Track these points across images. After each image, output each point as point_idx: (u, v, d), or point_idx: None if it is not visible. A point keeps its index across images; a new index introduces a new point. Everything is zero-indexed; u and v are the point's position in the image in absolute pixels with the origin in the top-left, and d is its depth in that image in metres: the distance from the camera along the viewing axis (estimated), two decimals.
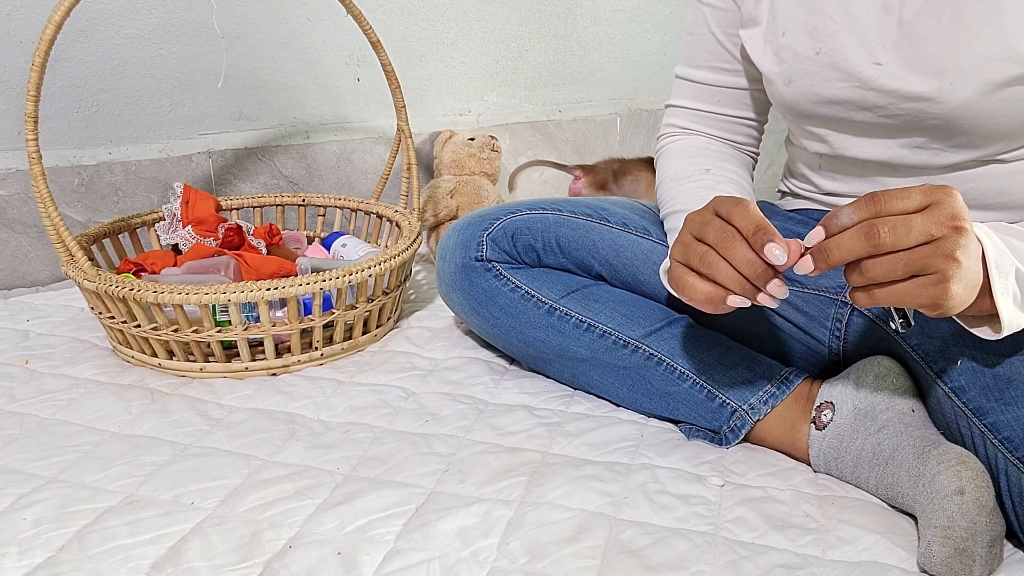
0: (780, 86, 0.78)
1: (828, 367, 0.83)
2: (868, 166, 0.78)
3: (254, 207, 1.23)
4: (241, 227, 1.09)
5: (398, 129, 1.15)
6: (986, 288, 0.58)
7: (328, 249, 1.19)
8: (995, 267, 0.58)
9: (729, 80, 0.86)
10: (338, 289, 0.92)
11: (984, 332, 0.63)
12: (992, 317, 0.61)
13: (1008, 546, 0.65)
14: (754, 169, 0.92)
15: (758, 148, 0.92)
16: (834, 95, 0.74)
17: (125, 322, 0.90)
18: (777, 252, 0.58)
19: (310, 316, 0.93)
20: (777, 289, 0.60)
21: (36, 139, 0.87)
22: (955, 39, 0.67)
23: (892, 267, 0.54)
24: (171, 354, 0.93)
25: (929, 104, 0.69)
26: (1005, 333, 0.61)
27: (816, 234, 0.57)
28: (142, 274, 1.02)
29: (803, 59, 0.75)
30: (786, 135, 0.91)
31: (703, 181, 0.81)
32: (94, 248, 1.05)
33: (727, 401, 0.80)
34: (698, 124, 0.90)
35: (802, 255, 0.58)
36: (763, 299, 0.61)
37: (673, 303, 0.87)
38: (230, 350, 0.94)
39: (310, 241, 1.24)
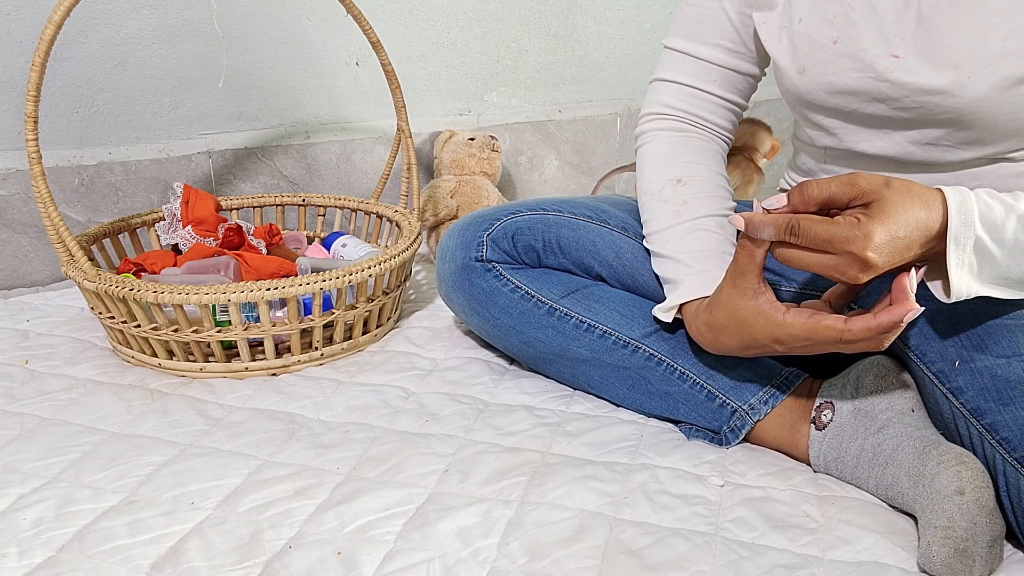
0: (793, 74, 0.77)
1: (828, 367, 0.83)
2: (875, 161, 0.77)
3: (254, 207, 1.23)
4: (241, 227, 1.09)
5: (398, 129, 1.15)
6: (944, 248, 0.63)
7: (328, 249, 1.19)
8: (953, 240, 0.61)
9: (732, 61, 0.84)
10: (338, 289, 0.92)
11: (936, 289, 0.66)
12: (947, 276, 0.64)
13: (1008, 546, 0.65)
14: (727, 152, 0.91)
15: (733, 133, 0.91)
16: (848, 85, 0.74)
17: (125, 322, 0.90)
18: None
19: (310, 316, 0.93)
20: None
21: (36, 139, 0.87)
22: (973, 33, 0.67)
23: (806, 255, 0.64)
24: (171, 354, 0.93)
25: (944, 97, 0.69)
26: (954, 299, 0.64)
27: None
28: (142, 274, 1.02)
29: (820, 47, 0.74)
30: (792, 132, 0.90)
31: (673, 203, 0.81)
32: (94, 248, 1.05)
33: (727, 401, 0.80)
34: (687, 103, 0.86)
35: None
36: None
37: None
38: (230, 350, 0.94)
39: (310, 241, 1.24)
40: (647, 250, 0.85)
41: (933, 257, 0.64)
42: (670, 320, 0.79)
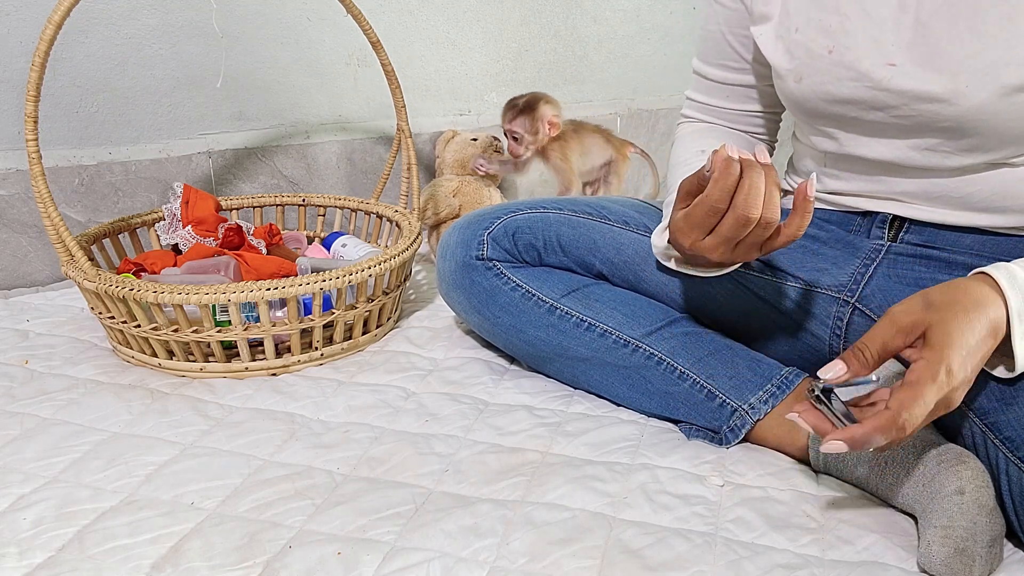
0: (790, 82, 0.78)
1: None
2: (875, 165, 0.77)
3: (254, 207, 1.23)
4: (241, 227, 1.09)
5: (398, 129, 1.15)
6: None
7: (328, 249, 1.19)
8: (1017, 316, 0.60)
9: (736, 78, 0.87)
10: (338, 289, 0.92)
11: (1000, 371, 0.64)
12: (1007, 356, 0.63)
13: (1008, 546, 0.65)
14: (771, 155, 0.92)
15: (775, 137, 0.93)
16: (846, 94, 0.74)
17: (125, 322, 0.90)
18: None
19: (310, 316, 0.93)
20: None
21: (36, 139, 0.87)
22: (972, 41, 0.67)
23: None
24: (171, 354, 0.93)
25: (943, 105, 0.69)
26: (1018, 372, 0.63)
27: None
28: (142, 274, 1.02)
29: (815, 56, 0.75)
30: (792, 132, 0.91)
31: (700, 158, 0.83)
32: (94, 248, 1.05)
33: (727, 401, 0.79)
34: (710, 116, 0.92)
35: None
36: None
37: (674, 301, 0.87)
38: (230, 350, 0.94)
39: (310, 241, 1.24)
40: (648, 246, 0.85)
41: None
42: (665, 242, 0.78)
